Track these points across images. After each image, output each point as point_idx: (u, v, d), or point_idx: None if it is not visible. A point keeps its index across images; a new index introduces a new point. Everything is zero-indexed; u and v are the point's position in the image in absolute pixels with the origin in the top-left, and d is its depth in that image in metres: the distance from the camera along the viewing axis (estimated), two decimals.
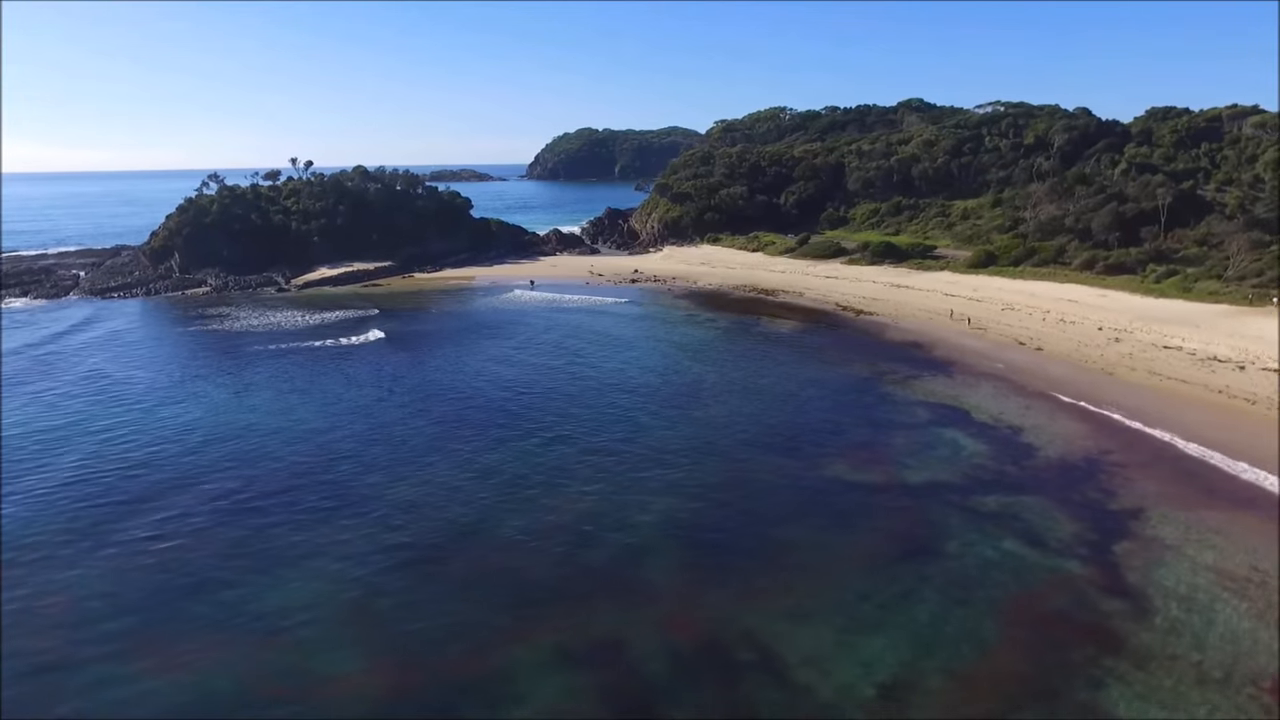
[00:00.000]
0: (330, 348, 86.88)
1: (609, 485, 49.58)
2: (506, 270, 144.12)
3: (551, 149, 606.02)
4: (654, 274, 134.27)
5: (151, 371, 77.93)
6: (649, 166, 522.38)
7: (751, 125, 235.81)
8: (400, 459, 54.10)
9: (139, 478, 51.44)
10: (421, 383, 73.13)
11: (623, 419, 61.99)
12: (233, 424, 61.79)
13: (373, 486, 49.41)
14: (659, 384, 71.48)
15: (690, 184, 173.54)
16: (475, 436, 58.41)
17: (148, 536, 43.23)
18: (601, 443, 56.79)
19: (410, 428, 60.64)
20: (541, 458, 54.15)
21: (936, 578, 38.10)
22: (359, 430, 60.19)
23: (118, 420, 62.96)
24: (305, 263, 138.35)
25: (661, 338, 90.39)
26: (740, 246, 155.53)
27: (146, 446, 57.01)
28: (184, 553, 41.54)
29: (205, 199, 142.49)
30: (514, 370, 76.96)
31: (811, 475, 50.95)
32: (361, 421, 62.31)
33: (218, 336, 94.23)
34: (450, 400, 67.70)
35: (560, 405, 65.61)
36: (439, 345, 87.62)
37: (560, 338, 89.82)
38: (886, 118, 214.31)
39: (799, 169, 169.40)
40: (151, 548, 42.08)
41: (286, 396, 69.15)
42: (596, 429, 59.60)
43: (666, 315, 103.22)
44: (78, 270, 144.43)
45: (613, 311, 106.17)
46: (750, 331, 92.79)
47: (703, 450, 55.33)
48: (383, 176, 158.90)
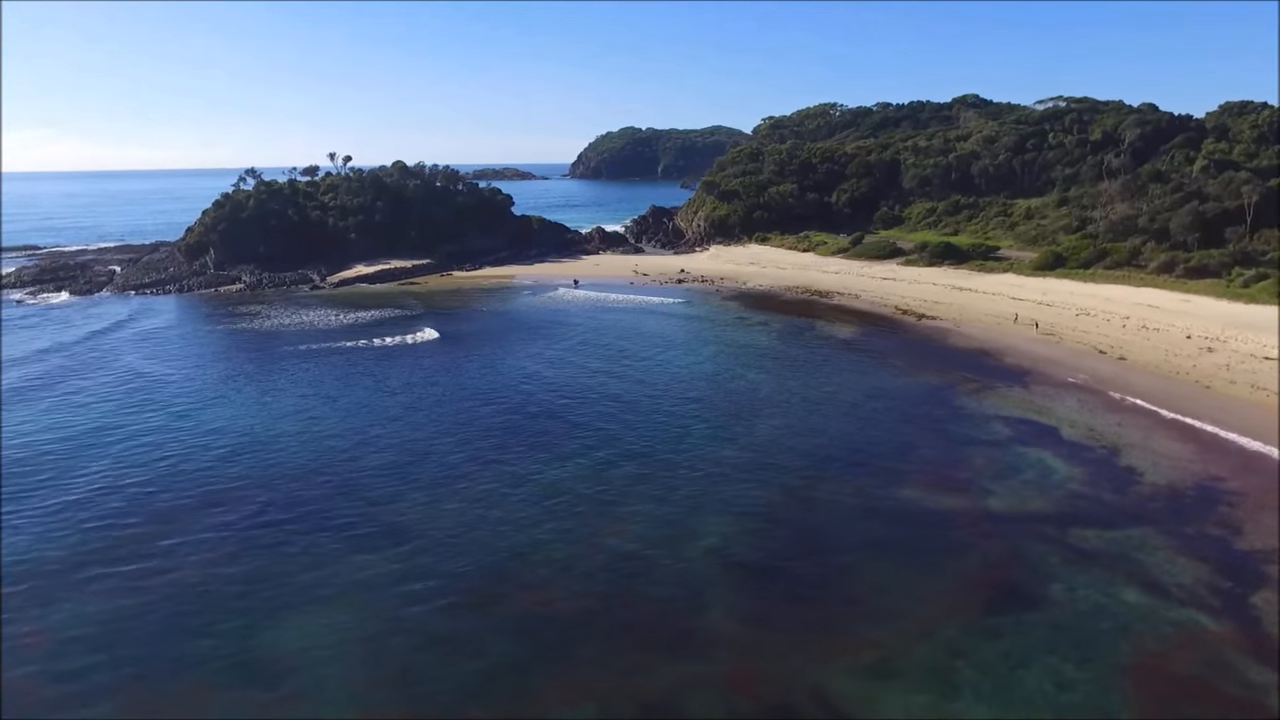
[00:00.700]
0: (363, 349, 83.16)
1: (662, 507, 44.74)
2: (548, 269, 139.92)
3: (595, 148, 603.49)
4: (701, 274, 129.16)
5: (181, 374, 74.72)
6: (693, 166, 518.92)
7: (800, 122, 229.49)
8: (436, 476, 49.62)
9: (156, 495, 47.55)
10: (458, 389, 68.90)
11: (675, 431, 57.12)
12: (258, 433, 57.93)
13: (403, 509, 44.98)
14: (712, 392, 66.49)
15: (738, 181, 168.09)
16: (518, 450, 53.86)
17: (156, 567, 39.07)
18: (653, 457, 51.99)
19: (446, 439, 56.27)
20: (590, 474, 49.44)
21: (1042, 631, 32.70)
22: (391, 442, 55.94)
23: (142, 427, 59.49)
24: (341, 260, 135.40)
25: (712, 342, 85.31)
26: (790, 246, 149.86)
27: (169, 458, 53.24)
28: (194, 586, 37.33)
29: (242, 194, 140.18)
30: (558, 375, 72.48)
31: (884, 499, 45.68)
32: (393, 432, 58.10)
33: (248, 336, 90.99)
34: (490, 408, 63.34)
35: (608, 414, 60.88)
36: (477, 348, 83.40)
37: (606, 340, 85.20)
38: (941, 114, 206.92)
39: (852, 166, 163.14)
40: (158, 580, 37.94)
41: (317, 402, 65.27)
42: (647, 441, 54.78)
43: (716, 317, 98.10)
44: (114, 266, 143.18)
45: (660, 313, 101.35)
46: (806, 335, 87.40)
47: (762, 468, 50.27)
48: (422, 172, 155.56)
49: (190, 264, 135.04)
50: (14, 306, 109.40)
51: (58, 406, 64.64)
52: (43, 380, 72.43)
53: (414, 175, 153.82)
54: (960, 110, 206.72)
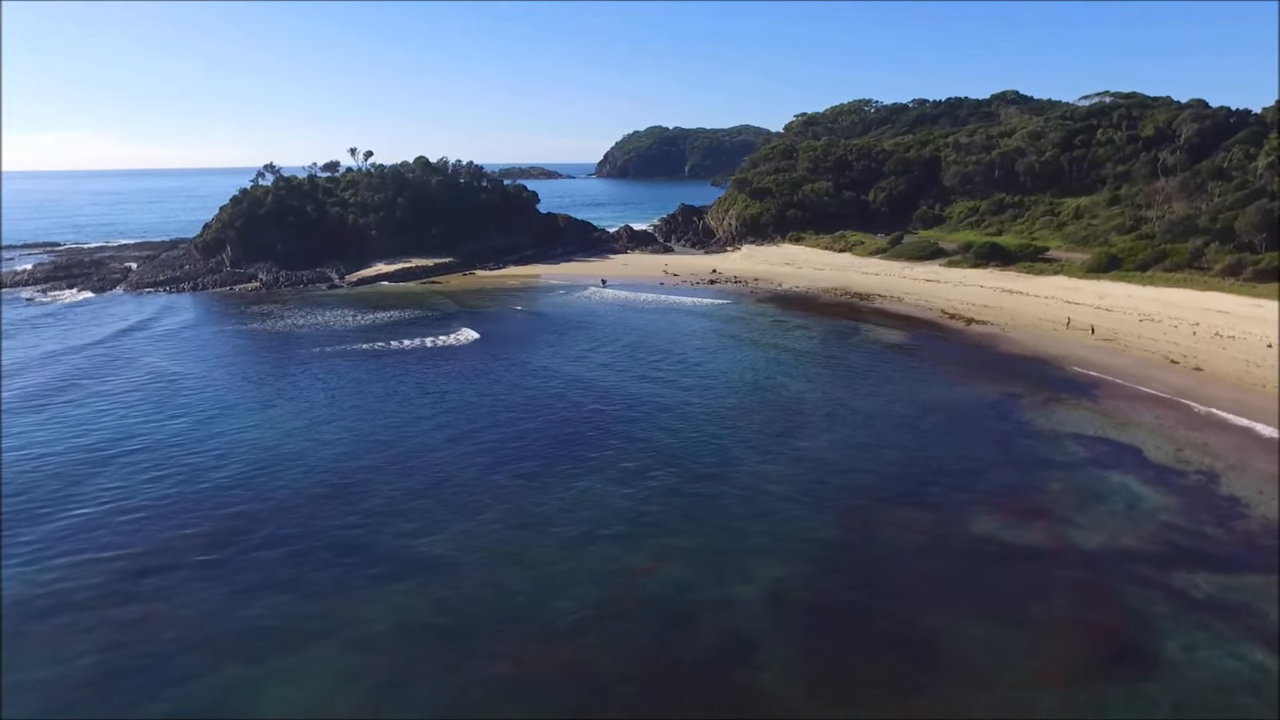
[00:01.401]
0: (383, 353, 78.85)
1: (701, 539, 39.79)
2: (574, 268, 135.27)
3: (621, 147, 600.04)
4: (734, 275, 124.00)
5: (191, 380, 70.68)
6: (720, 165, 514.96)
7: (834, 119, 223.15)
8: (457, 500, 44.84)
9: (153, 522, 43.16)
10: (474, 397, 64.28)
11: (712, 447, 52.15)
12: (266, 449, 53.43)
13: (406, 536, 40.28)
14: (751, 403, 61.42)
15: (771, 179, 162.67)
16: (537, 468, 49.12)
17: (144, 612, 34.49)
18: (694, 477, 47.13)
19: (460, 454, 51.59)
20: (617, 498, 44.57)
21: (1164, 703, 27.47)
22: (397, 456, 51.37)
23: (147, 440, 55.22)
24: (361, 258, 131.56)
25: (750, 346, 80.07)
26: (826, 246, 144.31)
27: (170, 476, 48.95)
28: (168, 641, 32.77)
29: (260, 190, 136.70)
30: (588, 381, 67.74)
31: (953, 532, 40.45)
32: (401, 443, 53.55)
33: (260, 339, 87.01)
34: (516, 417, 58.64)
35: (639, 427, 56.01)
36: (499, 352, 78.79)
37: (636, 345, 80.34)
38: (980, 110, 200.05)
39: (890, 163, 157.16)
40: (147, 625, 33.46)
41: (321, 412, 60.86)
42: (682, 460, 49.84)
43: (752, 321, 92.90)
44: (130, 263, 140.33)
45: (693, 315, 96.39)
46: (849, 341, 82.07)
47: (811, 493, 45.18)
48: (445, 168, 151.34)
49: (206, 261, 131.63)
50: (23, 305, 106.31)
51: (57, 418, 60.71)
52: (46, 387, 68.63)
53: (437, 171, 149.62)
54: (1000, 107, 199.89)
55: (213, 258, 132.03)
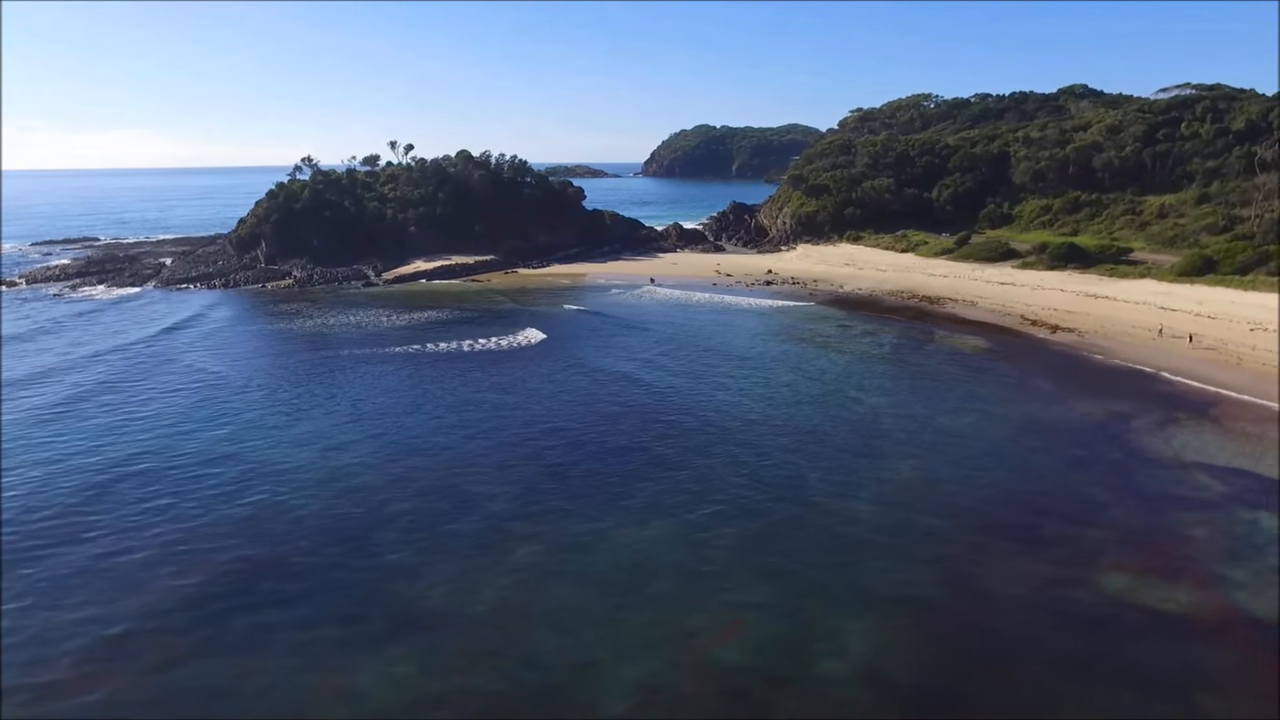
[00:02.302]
0: (413, 355, 73.26)
1: (777, 595, 33.14)
2: (621, 267, 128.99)
3: (668, 145, 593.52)
4: (791, 275, 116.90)
5: (210, 392, 65.64)
6: (768, 165, 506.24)
7: (891, 114, 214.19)
8: (481, 537, 38.73)
9: (138, 574, 37.63)
10: (507, 408, 58.22)
11: (782, 474, 45.46)
12: (276, 471, 47.92)
13: (426, 587, 34.09)
14: (822, 421, 54.51)
15: (828, 175, 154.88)
16: (593, 496, 42.86)
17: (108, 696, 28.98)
18: (762, 512, 40.57)
19: (503, 478, 45.45)
20: (677, 540, 38.05)
21: None
22: (420, 480, 45.38)
23: (152, 465, 50.10)
24: (400, 255, 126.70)
25: (815, 355, 72.99)
26: (887, 246, 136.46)
27: (173, 509, 43.70)
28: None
29: (297, 184, 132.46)
30: (640, 393, 61.40)
31: (1078, 590, 33.31)
32: (424, 464, 47.58)
33: (290, 341, 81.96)
34: (545, 435, 52.43)
35: (704, 447, 49.49)
36: (540, 358, 72.75)
37: (691, 351, 73.84)
38: (1048, 105, 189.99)
39: (955, 159, 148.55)
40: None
41: (347, 425, 55.22)
42: (750, 490, 43.25)
43: (815, 326, 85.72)
44: (166, 258, 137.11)
45: (750, 319, 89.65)
46: (923, 349, 74.74)
47: (902, 535, 38.31)
48: (487, 163, 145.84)
49: (240, 257, 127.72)
50: (50, 301, 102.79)
51: (67, 431, 55.83)
52: (57, 398, 63.98)
53: (479, 165, 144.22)
54: (1069, 101, 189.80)
55: (247, 253, 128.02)
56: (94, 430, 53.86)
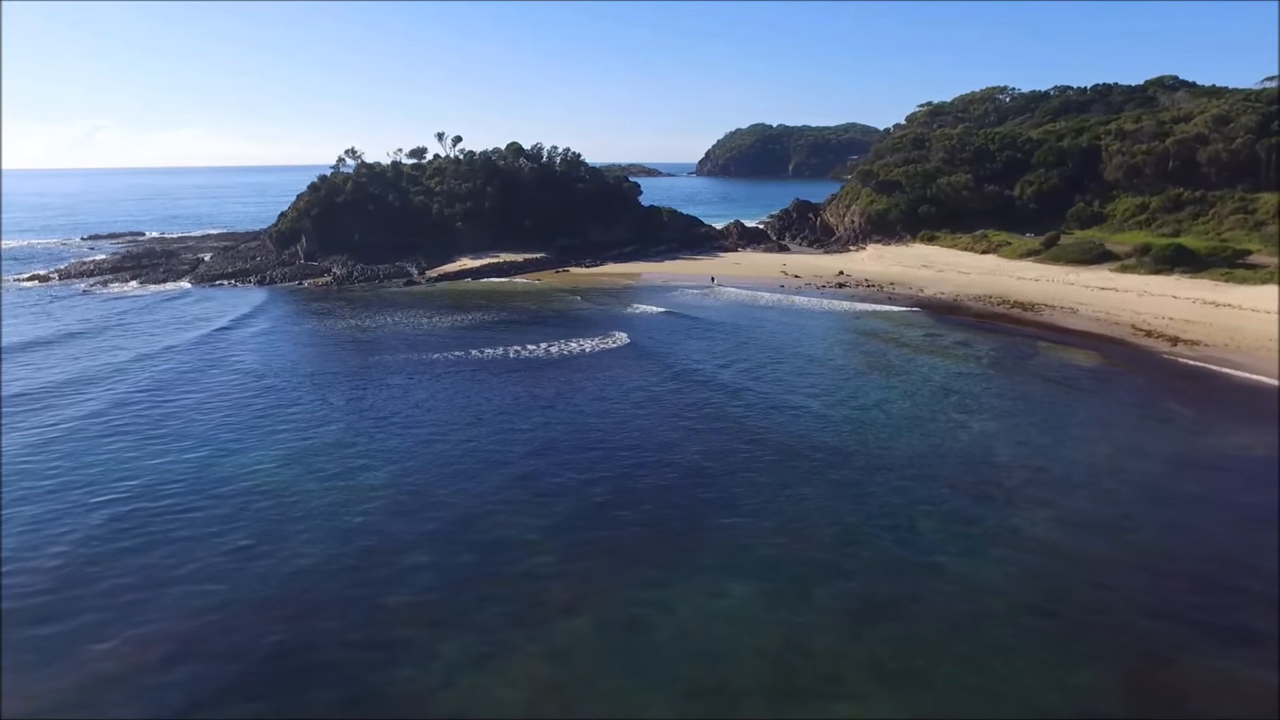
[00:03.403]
0: (444, 364, 65.83)
1: (907, 698, 24.65)
2: (680, 267, 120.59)
3: (723, 145, 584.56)
4: (865, 277, 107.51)
5: (217, 403, 58.85)
6: (826, 164, 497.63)
7: (964, 108, 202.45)
8: (499, 605, 30.86)
9: (77, 645, 30.60)
10: (554, 426, 50.20)
11: (895, 521, 36.84)
12: (276, 507, 40.64)
13: (430, 679, 26.28)
14: (925, 450, 45.63)
15: (900, 171, 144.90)
16: (637, 546, 34.72)
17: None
18: (866, 582, 31.92)
19: (527, 522, 37.49)
20: (758, 614, 29.76)
21: None
22: (446, 520, 37.65)
23: (135, 494, 43.22)
24: (444, 251, 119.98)
25: (904, 368, 63.85)
26: (965, 247, 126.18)
27: (145, 554, 36.62)
28: None
29: (339, 177, 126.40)
30: (701, 415, 52.96)
31: None
32: (452, 500, 39.79)
33: (312, 344, 75.18)
34: (596, 462, 44.37)
35: (781, 486, 41.00)
36: (592, 368, 64.87)
37: (764, 360, 65.39)
38: (1137, 97, 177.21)
39: (1039, 154, 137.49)
40: None
41: (355, 443, 47.83)
42: (849, 546, 34.69)
43: (899, 333, 76.47)
44: (205, 254, 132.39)
45: (826, 325, 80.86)
46: (1027, 363, 65.25)
47: (1059, 615, 29.56)
48: (539, 156, 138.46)
49: (280, 253, 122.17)
50: (74, 298, 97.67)
51: (57, 447, 49.29)
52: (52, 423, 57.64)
53: (530, 158, 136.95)
54: (1159, 92, 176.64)
55: (286, 249, 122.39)
56: (74, 449, 47.14)
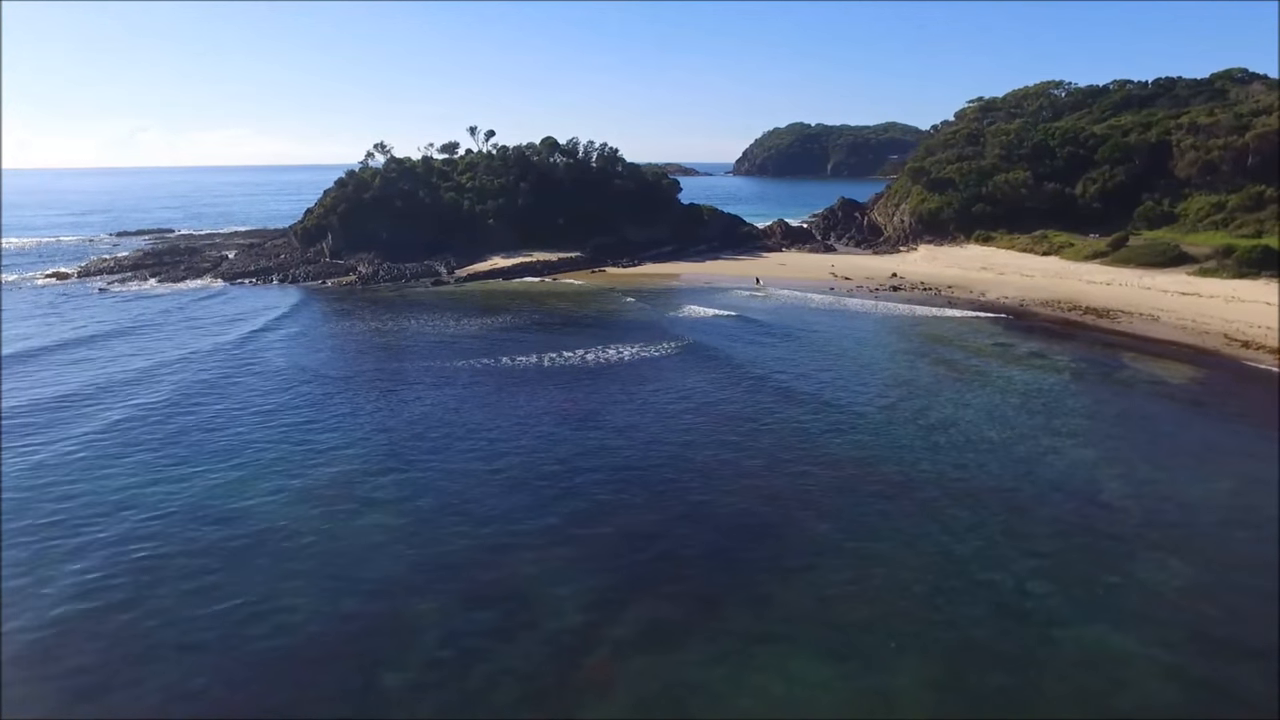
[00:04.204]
0: (472, 373, 60.37)
1: None
2: (723, 267, 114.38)
3: (761, 144, 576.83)
4: (920, 280, 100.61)
5: (214, 420, 53.76)
6: (865, 164, 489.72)
7: (1017, 103, 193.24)
8: (516, 680, 25.13)
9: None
10: (576, 454, 44.29)
11: (985, 578, 30.54)
12: (260, 537, 35.28)
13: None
14: (1016, 483, 39.19)
15: (954, 168, 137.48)
16: (684, 604, 28.83)
17: None
18: (974, 663, 25.64)
19: (558, 569, 31.73)
20: (835, 705, 23.64)
21: None
22: (461, 567, 32.04)
23: (116, 527, 38.06)
24: (475, 250, 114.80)
25: (977, 383, 57.02)
26: (1023, 248, 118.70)
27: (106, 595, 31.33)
28: None
29: (368, 172, 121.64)
30: (756, 437, 46.93)
31: None
32: (471, 543, 34.10)
33: (328, 352, 70.11)
34: (632, 491, 38.53)
35: (855, 525, 34.89)
36: (635, 380, 58.94)
37: (819, 370, 59.19)
38: (1204, 90, 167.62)
39: (1104, 150, 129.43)
40: None
41: (364, 468, 42.37)
42: (942, 606, 28.51)
43: (966, 342, 69.61)
44: (230, 251, 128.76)
45: (883, 331, 74.43)
46: (1114, 379, 58.33)
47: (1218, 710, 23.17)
48: (575, 151, 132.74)
49: (305, 251, 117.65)
50: (93, 295, 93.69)
51: (39, 464, 44.40)
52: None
53: (565, 153, 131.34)
54: (1228, 85, 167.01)
55: (312, 247, 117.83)
56: (59, 468, 42.15)
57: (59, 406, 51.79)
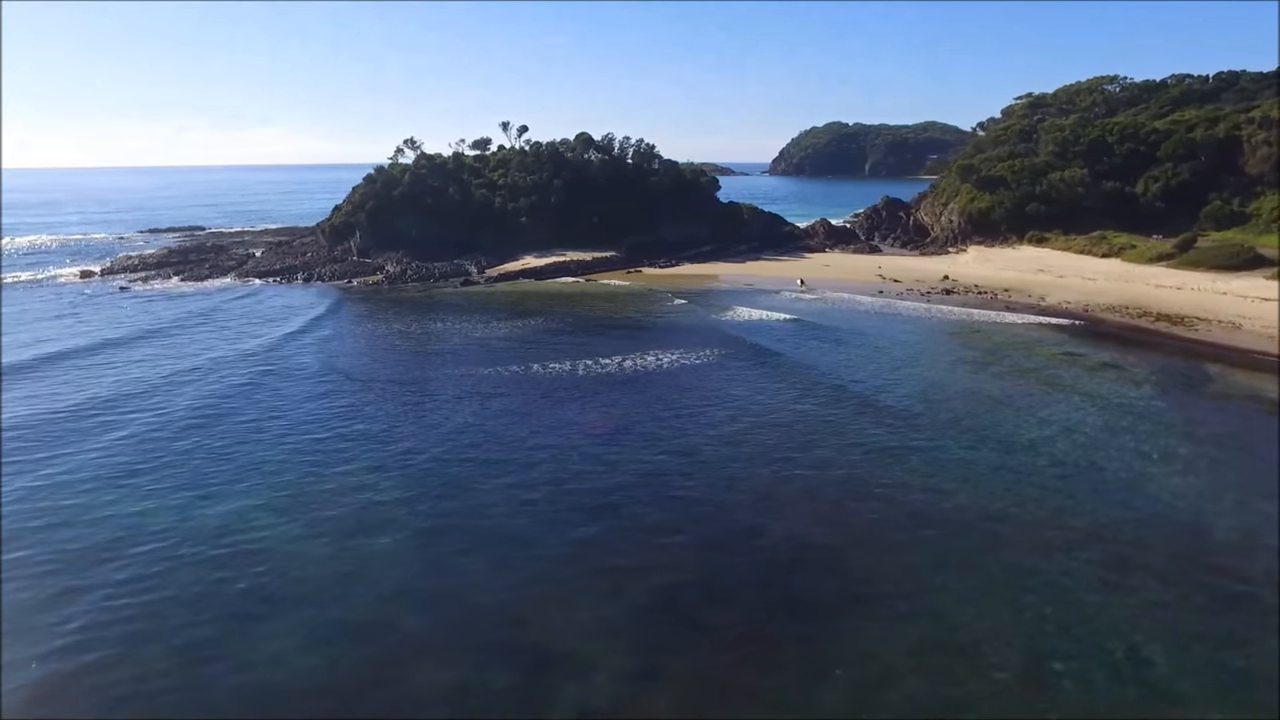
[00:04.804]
0: (479, 384, 56.24)
1: None
2: (764, 268, 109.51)
3: (797, 144, 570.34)
4: (973, 283, 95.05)
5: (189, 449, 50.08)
6: (904, 164, 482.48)
7: (1068, 99, 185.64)
8: None
9: None
10: (608, 476, 39.91)
11: (1088, 645, 25.67)
12: (252, 572, 31.38)
13: None
14: (1114, 519, 34.17)
15: (1005, 165, 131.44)
16: (734, 676, 24.43)
17: None
18: None
19: (585, 625, 27.43)
20: None
21: None
22: (475, 619, 27.84)
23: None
24: (506, 249, 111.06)
25: (1052, 399, 51.32)
26: (1081, 250, 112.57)
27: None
28: None
29: (397, 168, 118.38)
30: (800, 471, 42.32)
31: None
32: (489, 593, 29.90)
33: (346, 356, 66.46)
34: (669, 530, 34.09)
35: (913, 582, 30.21)
36: (678, 389, 54.53)
37: (876, 383, 54.28)
38: (1272, 83, 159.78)
39: (1167, 146, 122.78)
40: None
41: (374, 503, 38.34)
42: (1035, 695, 23.72)
43: (1032, 352, 64.09)
44: (257, 249, 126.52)
45: (941, 338, 69.33)
46: (1205, 394, 52.78)
47: None
48: (610, 147, 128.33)
49: (332, 249, 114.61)
50: (113, 295, 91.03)
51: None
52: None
53: (600, 149, 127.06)
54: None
55: (339, 245, 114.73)
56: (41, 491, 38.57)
57: (52, 423, 48.45)
